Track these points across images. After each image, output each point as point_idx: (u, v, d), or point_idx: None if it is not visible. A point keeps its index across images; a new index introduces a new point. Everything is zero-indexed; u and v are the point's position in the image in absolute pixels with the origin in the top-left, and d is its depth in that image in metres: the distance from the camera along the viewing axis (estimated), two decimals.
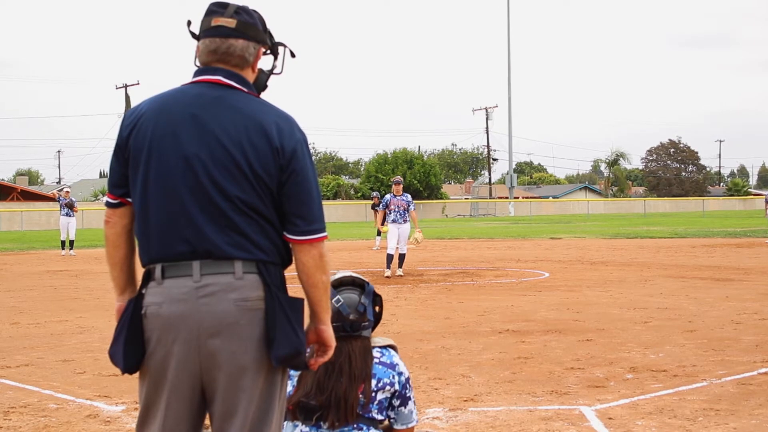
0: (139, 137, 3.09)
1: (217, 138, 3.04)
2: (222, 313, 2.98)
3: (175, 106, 3.10)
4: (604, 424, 5.86)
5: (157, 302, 3.02)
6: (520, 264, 20.19)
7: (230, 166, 3.03)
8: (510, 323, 10.47)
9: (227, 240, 3.02)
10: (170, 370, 3.03)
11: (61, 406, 6.68)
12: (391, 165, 76.83)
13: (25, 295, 14.81)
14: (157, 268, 3.05)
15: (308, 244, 3.11)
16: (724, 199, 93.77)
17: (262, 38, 3.22)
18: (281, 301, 3.04)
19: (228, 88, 3.13)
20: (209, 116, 3.06)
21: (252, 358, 3.01)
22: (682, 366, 7.72)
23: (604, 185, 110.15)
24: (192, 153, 3.04)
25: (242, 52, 3.16)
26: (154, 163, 3.06)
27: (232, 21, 3.14)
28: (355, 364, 3.50)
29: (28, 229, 51.20)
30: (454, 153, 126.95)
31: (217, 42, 3.14)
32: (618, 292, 13.76)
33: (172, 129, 3.06)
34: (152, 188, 3.06)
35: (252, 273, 3.03)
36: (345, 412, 3.49)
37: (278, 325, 3.01)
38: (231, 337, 2.98)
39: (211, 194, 3.02)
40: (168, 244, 3.04)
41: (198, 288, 2.99)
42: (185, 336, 2.99)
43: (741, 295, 13.05)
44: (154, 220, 3.06)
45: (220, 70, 3.14)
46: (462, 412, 6.31)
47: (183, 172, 3.03)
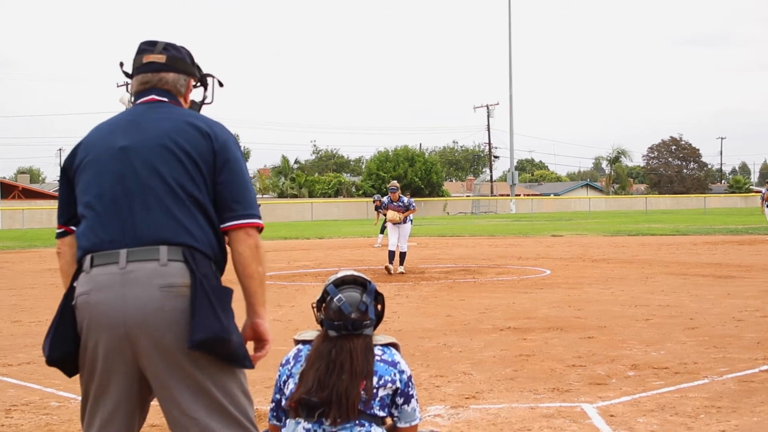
0: (80, 153, 3.27)
1: (151, 131, 3.20)
2: (147, 298, 3.02)
3: (112, 121, 3.33)
4: (606, 422, 5.85)
5: (86, 291, 3.09)
6: (522, 261, 20.18)
7: (164, 152, 3.16)
8: (511, 320, 10.47)
9: (155, 227, 3.08)
10: (102, 357, 3.08)
11: (63, 404, 6.68)
12: (393, 163, 76.88)
13: (27, 293, 14.82)
14: (87, 259, 3.12)
15: (244, 233, 3.18)
16: (725, 197, 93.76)
17: (191, 71, 3.44)
18: (206, 287, 3.05)
19: (161, 102, 3.33)
20: (143, 118, 3.26)
21: (178, 345, 3.03)
22: (684, 363, 7.72)
23: (606, 183, 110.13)
24: (126, 144, 3.19)
25: (174, 84, 3.37)
26: (91, 164, 3.22)
27: (162, 56, 3.36)
28: (356, 361, 3.50)
29: (29, 228, 51.22)
30: (455, 150, 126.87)
31: (148, 76, 3.36)
32: (619, 290, 13.76)
33: (110, 132, 3.26)
34: (89, 185, 3.19)
35: (177, 261, 3.06)
36: (346, 408, 3.49)
37: (198, 310, 3.01)
38: (156, 323, 3.02)
39: (144, 182, 3.13)
40: (98, 234, 3.12)
41: (123, 274, 3.04)
42: (112, 322, 3.03)
43: (742, 293, 13.04)
44: (89, 215, 3.16)
45: (152, 90, 3.35)
46: (464, 409, 6.31)
47: (119, 163, 3.17)
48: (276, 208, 62.47)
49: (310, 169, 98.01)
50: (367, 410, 3.55)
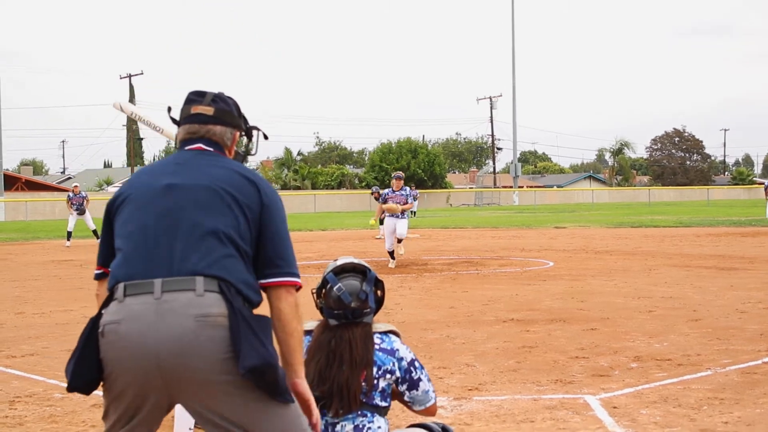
0: (123, 192, 3.27)
1: (198, 173, 3.20)
2: (182, 328, 2.94)
3: (156, 164, 3.33)
4: (609, 413, 5.86)
5: (116, 320, 3.01)
6: (525, 253, 20.18)
7: (210, 194, 3.14)
8: (514, 312, 10.47)
9: (193, 258, 3.04)
10: (130, 387, 3.00)
11: (66, 395, 6.68)
12: (396, 154, 76.85)
13: (30, 285, 14.85)
14: (120, 287, 3.05)
15: (286, 290, 3.14)
16: (728, 188, 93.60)
17: (237, 123, 3.42)
18: (245, 316, 3.00)
19: (209, 151, 3.33)
20: (191, 163, 3.26)
21: (217, 377, 2.96)
22: (687, 355, 7.72)
23: (609, 174, 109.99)
24: (171, 182, 3.18)
25: (221, 136, 3.36)
26: (132, 199, 3.21)
27: (210, 109, 3.35)
28: (355, 351, 3.49)
29: (33, 219, 51.28)
30: (458, 142, 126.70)
31: (196, 127, 3.34)
32: (622, 281, 13.75)
33: (154, 173, 3.26)
34: (129, 219, 3.17)
35: (213, 291, 3.00)
36: (348, 400, 3.48)
37: (243, 338, 2.95)
38: (192, 354, 2.94)
39: (186, 216, 3.11)
40: (133, 265, 3.07)
41: (158, 304, 2.97)
42: (144, 353, 2.95)
43: (745, 284, 13.03)
44: (126, 246, 3.13)
45: (199, 140, 3.34)
46: (467, 401, 6.31)
47: (160, 198, 3.15)
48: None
49: (313, 161, 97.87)
50: (368, 401, 3.55)
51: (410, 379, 3.60)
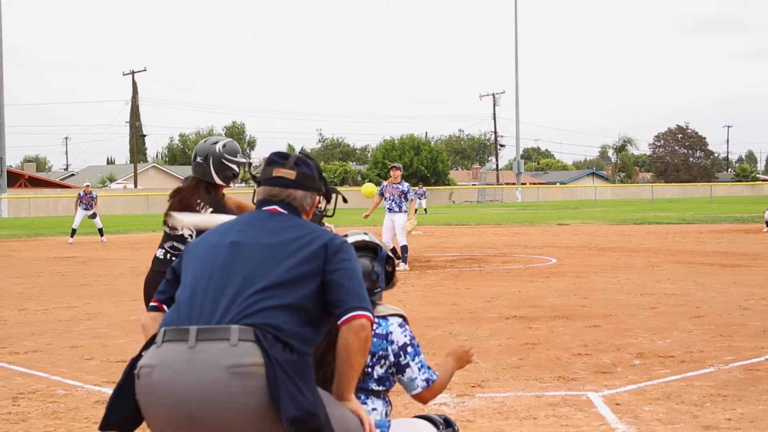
0: (196, 245, 3.32)
1: (265, 232, 3.21)
2: (213, 379, 2.90)
3: (232, 221, 3.38)
4: (612, 410, 5.86)
5: (150, 365, 3.00)
6: (528, 250, 20.17)
7: (269, 250, 3.15)
8: (517, 309, 10.47)
9: (235, 310, 3.02)
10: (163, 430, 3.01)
11: (70, 392, 6.70)
12: (398, 151, 76.85)
13: (33, 282, 14.86)
14: (160, 332, 3.05)
15: (359, 324, 3.08)
16: (731, 185, 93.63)
17: (318, 187, 3.42)
18: (282, 363, 2.93)
19: (285, 214, 3.32)
20: (261, 224, 3.27)
21: (252, 427, 2.92)
22: (690, 352, 7.72)
23: (612, 171, 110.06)
24: (237, 240, 3.20)
25: (301, 202, 3.36)
26: (201, 253, 3.24)
27: (292, 173, 3.35)
28: None
29: (36, 216, 51.33)
30: (461, 139, 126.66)
31: (276, 191, 3.34)
32: (625, 278, 13.74)
33: (225, 233, 3.28)
34: (192, 272, 3.20)
35: (248, 341, 2.95)
36: None
37: (281, 388, 2.89)
38: (223, 405, 2.90)
39: (241, 271, 3.11)
40: (179, 312, 3.09)
41: (191, 353, 2.95)
42: (175, 401, 2.93)
43: (748, 281, 13.03)
44: (180, 296, 3.16)
45: (276, 202, 3.34)
46: (469, 398, 6.32)
47: (223, 254, 3.17)
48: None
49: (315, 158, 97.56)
50: (363, 385, 3.52)
51: (398, 363, 3.55)
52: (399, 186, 16.99)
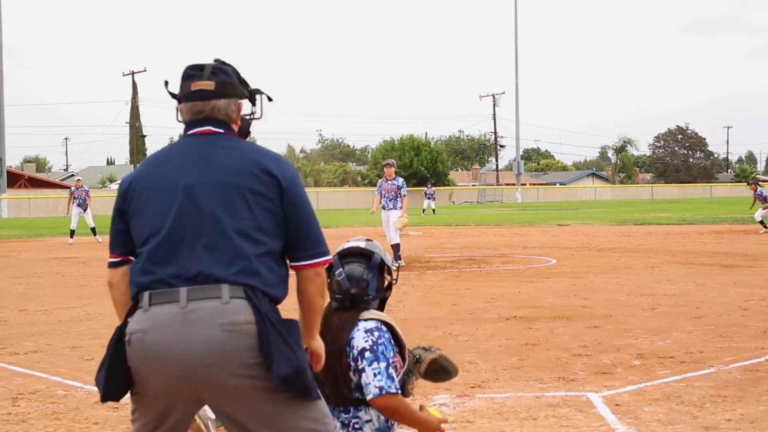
0: (138, 183, 3.21)
1: (215, 169, 3.14)
2: (209, 338, 2.94)
3: (169, 153, 3.25)
4: (611, 411, 5.86)
5: (142, 329, 3.01)
6: (527, 251, 20.16)
7: (230, 192, 3.10)
8: (517, 310, 10.47)
9: (217, 266, 3.02)
10: (160, 395, 3.03)
11: (70, 392, 6.70)
12: (398, 152, 76.80)
13: (33, 282, 14.86)
14: (145, 296, 3.05)
15: (314, 272, 3.17)
16: (731, 186, 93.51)
17: (240, 92, 3.34)
18: (273, 322, 3.00)
19: (218, 134, 3.24)
20: (205, 155, 3.18)
21: (246, 383, 2.97)
22: (690, 352, 7.72)
23: (612, 171, 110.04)
24: (192, 184, 3.12)
25: (226, 111, 3.27)
26: (154, 198, 3.15)
27: (211, 83, 3.25)
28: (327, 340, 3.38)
29: (36, 216, 51.32)
30: (461, 139, 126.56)
31: (199, 105, 3.25)
32: (625, 279, 13.74)
33: (170, 168, 3.18)
34: (150, 222, 3.13)
35: (239, 298, 3.00)
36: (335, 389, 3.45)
37: (273, 346, 2.96)
38: (220, 363, 2.95)
39: (207, 219, 3.08)
40: (157, 272, 3.06)
41: (184, 314, 2.97)
42: (172, 362, 2.96)
43: (748, 282, 13.02)
44: (148, 251, 3.10)
45: (207, 120, 3.25)
46: (469, 398, 6.32)
47: (183, 202, 3.11)
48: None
49: (315, 158, 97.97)
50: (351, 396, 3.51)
51: (357, 368, 3.50)
52: (394, 182, 17.05)
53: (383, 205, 16.95)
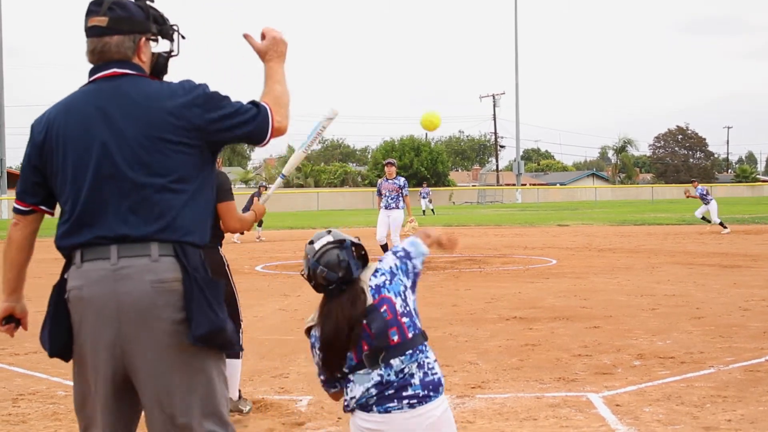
0: (53, 140, 3.18)
1: (127, 121, 3.10)
2: (139, 293, 3.02)
3: (80, 104, 3.18)
4: (612, 411, 5.86)
5: (78, 285, 3.10)
6: (528, 251, 20.16)
7: (145, 145, 3.09)
8: (517, 310, 10.47)
9: (144, 223, 3.07)
10: (93, 351, 3.09)
11: (70, 393, 6.63)
12: (399, 152, 76.77)
13: (33, 283, 14.70)
14: (77, 253, 3.12)
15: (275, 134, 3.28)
16: (732, 186, 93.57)
17: (140, 28, 3.24)
18: (198, 281, 3.07)
19: (124, 76, 3.19)
20: (115, 105, 3.13)
21: (170, 339, 3.05)
22: (690, 353, 7.72)
23: (612, 172, 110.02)
24: (106, 139, 3.10)
25: (117, 48, 3.20)
26: (70, 157, 3.14)
27: (104, 19, 3.19)
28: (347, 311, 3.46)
29: None
30: (461, 140, 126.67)
31: (94, 42, 3.21)
32: (625, 279, 13.74)
33: (83, 124, 3.14)
34: (74, 181, 3.13)
35: (168, 255, 3.06)
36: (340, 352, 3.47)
37: (195, 305, 3.04)
38: (148, 319, 3.03)
39: (128, 177, 3.08)
40: (87, 230, 3.10)
41: (115, 270, 3.04)
42: (105, 317, 3.04)
43: (749, 282, 13.02)
44: (77, 209, 3.13)
45: (112, 63, 3.20)
46: (469, 399, 6.31)
47: (100, 160, 3.10)
48: (282, 198, 62.45)
49: (315, 159, 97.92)
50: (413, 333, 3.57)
51: (407, 271, 3.79)
52: (395, 181, 16.77)
53: (385, 205, 16.64)
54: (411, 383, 3.41)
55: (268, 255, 20.17)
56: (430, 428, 3.37)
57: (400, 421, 3.34)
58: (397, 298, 3.59)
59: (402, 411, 3.35)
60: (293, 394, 6.56)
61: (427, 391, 3.41)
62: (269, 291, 12.95)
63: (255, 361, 7.47)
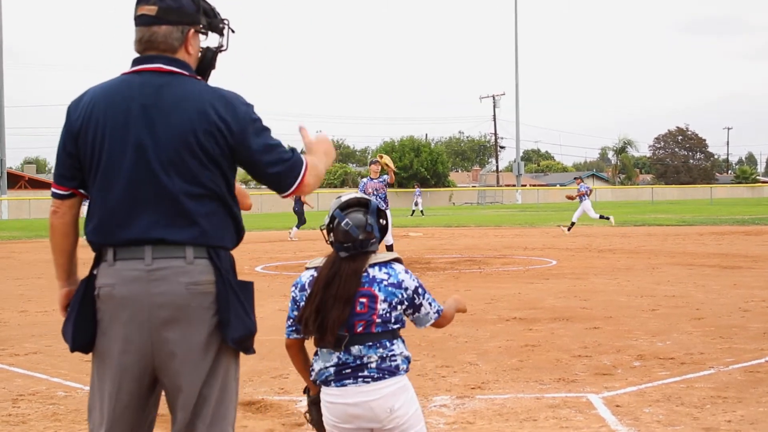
0: (91, 130, 3.14)
1: (166, 126, 3.08)
2: (173, 295, 3.03)
3: (122, 97, 3.14)
4: (612, 412, 5.86)
5: (110, 283, 3.08)
6: (528, 252, 20.16)
7: (181, 153, 3.07)
8: (517, 311, 10.47)
9: (179, 227, 3.06)
10: (121, 350, 3.08)
11: (70, 393, 6.70)
12: (399, 153, 76.86)
13: (34, 284, 14.86)
14: (109, 251, 3.10)
15: (299, 190, 3.27)
16: (731, 187, 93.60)
17: (189, 20, 3.20)
18: (232, 284, 3.11)
19: (169, 74, 3.15)
20: (157, 106, 3.10)
21: (202, 340, 3.07)
22: (690, 354, 7.72)
23: (612, 173, 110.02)
24: (143, 142, 3.08)
25: (165, 39, 3.16)
26: (107, 154, 3.11)
27: (153, 8, 3.15)
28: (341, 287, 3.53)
29: (36, 217, 51.27)
30: (461, 141, 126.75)
31: (142, 31, 3.18)
32: (625, 280, 13.74)
33: (123, 119, 3.10)
34: (107, 176, 3.11)
35: (203, 258, 3.08)
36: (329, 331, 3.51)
37: (231, 308, 3.09)
38: (182, 320, 3.04)
39: (163, 182, 3.07)
40: (121, 230, 3.09)
41: (149, 271, 3.04)
42: (137, 317, 3.04)
43: (749, 283, 13.02)
44: (109, 206, 3.11)
45: (158, 57, 3.17)
46: (469, 399, 6.31)
47: (136, 162, 3.08)
48: (282, 198, 62.43)
49: None
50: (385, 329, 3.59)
51: (414, 305, 3.72)
52: (380, 180, 16.88)
53: None
54: (368, 366, 3.54)
55: (269, 255, 20.19)
56: (383, 400, 3.52)
57: (354, 393, 3.50)
58: (383, 303, 3.59)
59: (357, 385, 3.51)
60: (293, 395, 6.56)
61: (382, 373, 3.54)
62: (269, 291, 12.94)
63: (255, 361, 7.46)
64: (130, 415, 3.13)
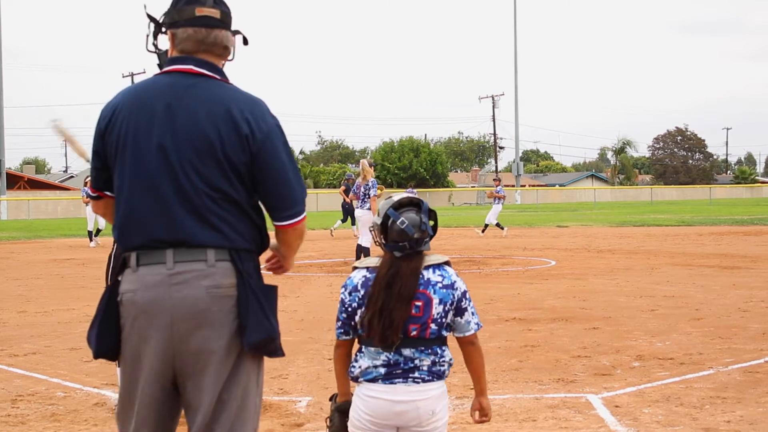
0: (116, 130, 3.15)
1: (189, 127, 3.08)
2: (194, 299, 3.03)
3: (149, 97, 3.15)
4: (611, 412, 5.86)
5: (132, 289, 3.09)
6: (527, 252, 20.17)
7: (203, 156, 3.07)
8: (516, 311, 10.47)
9: (200, 228, 3.07)
10: (144, 355, 3.09)
11: (69, 394, 6.70)
12: (398, 153, 76.80)
13: (32, 284, 14.84)
14: (132, 256, 3.10)
15: (292, 229, 3.26)
16: (731, 187, 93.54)
17: (232, 27, 3.30)
18: (253, 288, 3.11)
19: (200, 76, 3.17)
20: (182, 106, 3.10)
21: (223, 344, 3.07)
22: (689, 354, 7.72)
23: (611, 173, 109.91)
24: (166, 143, 3.08)
25: (226, 42, 3.23)
26: (130, 154, 3.12)
27: (216, 11, 3.19)
28: (404, 285, 3.55)
29: (35, 218, 51.24)
30: (460, 141, 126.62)
31: (203, 32, 3.18)
32: (625, 280, 13.74)
33: (148, 119, 3.11)
34: (129, 178, 3.12)
35: (224, 260, 3.08)
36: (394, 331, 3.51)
37: (250, 312, 3.08)
38: (203, 324, 3.04)
39: (184, 184, 3.07)
40: (143, 233, 3.09)
41: (171, 275, 3.04)
42: (159, 322, 3.04)
43: (748, 283, 13.03)
44: (130, 210, 3.12)
45: (190, 58, 3.18)
46: (469, 400, 6.30)
47: (158, 162, 3.08)
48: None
49: (315, 160, 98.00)
50: (438, 335, 3.64)
51: (459, 307, 3.71)
52: (367, 186, 16.66)
53: (360, 205, 16.49)
54: (419, 368, 3.57)
55: None
56: (430, 402, 3.55)
57: (404, 392, 3.51)
58: (439, 306, 3.62)
59: (407, 384, 3.52)
60: (292, 395, 6.56)
61: (432, 376, 3.60)
62: None
63: None
64: (155, 419, 3.14)
